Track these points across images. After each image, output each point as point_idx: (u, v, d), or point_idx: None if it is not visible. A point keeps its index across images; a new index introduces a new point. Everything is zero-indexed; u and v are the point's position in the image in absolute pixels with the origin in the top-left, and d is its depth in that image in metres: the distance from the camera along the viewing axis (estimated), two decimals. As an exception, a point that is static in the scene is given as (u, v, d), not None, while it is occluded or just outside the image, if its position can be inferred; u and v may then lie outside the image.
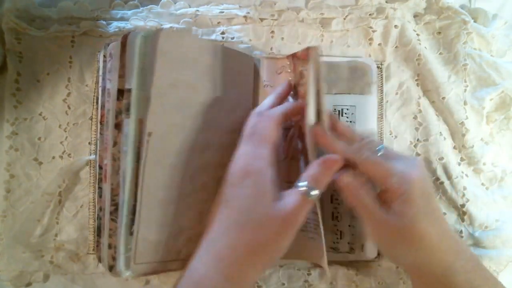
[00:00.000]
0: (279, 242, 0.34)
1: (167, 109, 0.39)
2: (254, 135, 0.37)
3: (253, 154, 0.36)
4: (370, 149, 0.39)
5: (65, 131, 0.48)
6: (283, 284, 0.49)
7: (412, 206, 0.36)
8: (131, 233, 0.38)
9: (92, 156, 0.48)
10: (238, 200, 0.35)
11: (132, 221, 0.38)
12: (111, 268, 0.38)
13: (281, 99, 0.44)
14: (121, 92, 0.39)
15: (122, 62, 0.39)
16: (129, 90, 0.38)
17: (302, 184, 0.35)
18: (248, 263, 0.34)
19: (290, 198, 0.35)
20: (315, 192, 0.35)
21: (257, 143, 0.36)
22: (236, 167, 0.36)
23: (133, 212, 0.38)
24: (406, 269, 0.40)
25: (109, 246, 0.39)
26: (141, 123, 0.38)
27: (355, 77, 0.49)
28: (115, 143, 0.39)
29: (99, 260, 0.44)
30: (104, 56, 0.43)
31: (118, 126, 0.39)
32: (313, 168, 0.37)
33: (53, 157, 0.48)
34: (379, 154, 0.39)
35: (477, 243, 0.49)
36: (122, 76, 0.39)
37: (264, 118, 0.38)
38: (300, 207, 0.34)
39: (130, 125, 0.38)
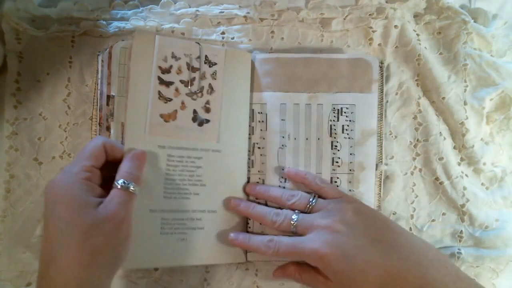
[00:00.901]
0: (116, 240, 0.35)
1: (142, 111, 0.44)
2: (77, 156, 0.39)
3: (63, 172, 0.36)
4: (284, 228, 0.43)
5: (65, 131, 0.48)
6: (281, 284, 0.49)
7: (336, 273, 0.39)
8: None
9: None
10: (53, 219, 0.34)
11: None
12: None
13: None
14: (109, 98, 0.45)
15: (109, 70, 0.45)
16: (113, 96, 0.45)
17: (120, 182, 0.37)
18: (91, 270, 0.33)
19: (112, 198, 0.36)
20: (133, 186, 0.37)
21: (72, 163, 0.38)
22: (48, 185, 0.36)
23: None
24: None
25: None
26: (122, 126, 0.44)
27: (356, 75, 0.48)
28: None
29: None
30: (102, 61, 0.46)
31: (108, 129, 0.45)
32: (125, 164, 0.39)
33: (53, 157, 0.48)
34: (292, 228, 0.43)
35: (477, 243, 0.49)
36: (109, 83, 0.45)
37: (91, 142, 0.39)
38: (124, 202, 0.36)
39: (114, 128, 0.45)
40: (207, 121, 0.46)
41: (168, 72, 0.44)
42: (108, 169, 0.39)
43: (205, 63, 0.46)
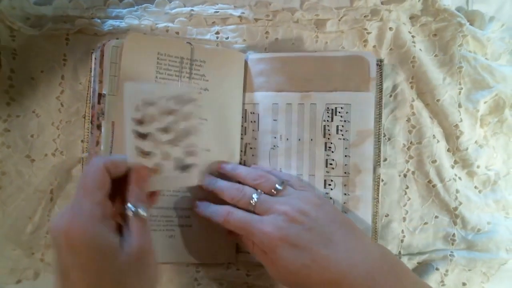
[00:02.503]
0: (147, 274, 0.34)
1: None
2: (80, 187, 0.34)
3: (75, 212, 0.32)
4: (242, 205, 0.41)
5: (58, 129, 0.49)
6: (271, 285, 0.49)
7: (280, 261, 0.37)
8: None
9: (84, 154, 0.48)
10: (77, 270, 0.31)
11: None
12: None
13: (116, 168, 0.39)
14: (100, 96, 0.45)
15: (101, 69, 0.45)
16: (104, 95, 0.44)
17: (132, 209, 0.35)
18: None
19: (130, 231, 0.34)
20: (143, 210, 0.35)
21: (81, 197, 0.33)
22: (60, 230, 0.31)
23: None
24: None
25: None
26: (113, 125, 0.44)
27: (352, 73, 0.47)
28: (97, 143, 0.44)
29: None
30: (95, 59, 0.45)
31: (99, 127, 0.45)
32: (132, 189, 0.37)
33: (46, 155, 0.48)
34: (250, 206, 0.41)
35: (470, 247, 0.49)
36: (101, 81, 0.45)
37: (90, 167, 0.35)
38: (142, 231, 0.35)
39: (105, 127, 0.44)
40: (190, 166, 0.44)
41: (142, 123, 0.40)
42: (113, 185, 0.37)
43: (193, 63, 0.46)
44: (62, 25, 0.48)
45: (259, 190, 0.42)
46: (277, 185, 0.42)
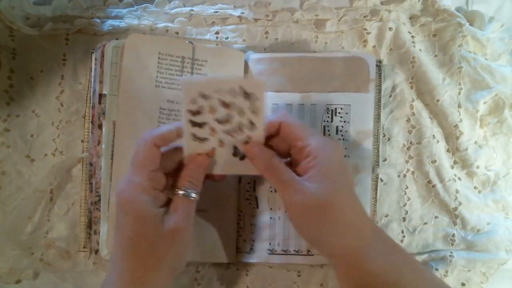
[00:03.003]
0: (179, 248, 0.37)
1: (134, 111, 0.45)
2: (132, 162, 0.37)
3: (127, 182, 0.36)
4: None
5: (58, 129, 0.49)
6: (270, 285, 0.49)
7: (332, 174, 0.35)
8: None
9: (85, 154, 0.48)
10: (124, 226, 0.36)
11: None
12: (96, 251, 0.45)
13: (165, 141, 0.40)
14: (101, 96, 0.45)
15: (102, 69, 0.45)
16: (105, 95, 0.45)
17: (182, 191, 0.37)
18: (156, 272, 0.36)
19: (175, 209, 0.36)
20: (194, 194, 0.37)
21: (132, 171, 0.37)
22: (117, 194, 0.36)
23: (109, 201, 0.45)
24: (322, 251, 0.39)
25: (95, 232, 0.46)
26: (114, 125, 0.45)
27: (351, 74, 0.47)
28: (98, 142, 0.46)
29: (90, 251, 0.46)
30: (95, 59, 0.46)
31: (100, 127, 0.46)
32: (187, 171, 0.38)
33: (45, 155, 0.48)
34: None
35: (469, 247, 0.49)
36: (101, 82, 0.45)
37: (140, 143, 0.37)
38: (186, 212, 0.37)
39: (106, 126, 0.45)
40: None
41: (198, 114, 0.38)
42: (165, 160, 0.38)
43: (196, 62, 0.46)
44: (61, 25, 0.48)
45: None
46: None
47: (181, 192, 0.37)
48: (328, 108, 0.48)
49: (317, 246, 0.39)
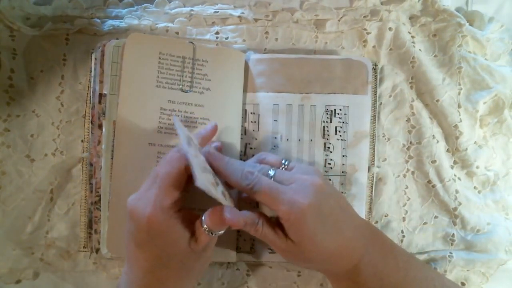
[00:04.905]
0: (203, 266, 0.41)
1: (134, 111, 0.45)
2: (161, 180, 0.37)
3: (155, 203, 0.36)
4: (262, 175, 0.38)
5: (58, 129, 0.49)
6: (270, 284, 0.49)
7: (305, 231, 0.36)
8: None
9: (85, 154, 0.48)
10: (151, 246, 0.36)
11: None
12: (97, 251, 0.46)
13: (205, 140, 0.42)
14: (101, 96, 0.46)
15: (102, 69, 0.45)
16: (105, 95, 0.45)
17: (202, 225, 0.37)
18: (184, 281, 0.39)
19: (201, 241, 0.37)
20: (213, 232, 0.37)
21: (160, 191, 0.36)
22: (143, 213, 0.36)
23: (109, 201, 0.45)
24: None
25: (95, 232, 0.46)
26: (114, 125, 0.45)
27: (350, 76, 0.48)
28: (99, 142, 0.46)
29: (91, 251, 0.47)
30: (95, 59, 0.46)
31: (100, 127, 0.46)
32: (207, 217, 0.37)
33: (46, 154, 0.48)
34: (271, 179, 0.38)
35: (469, 247, 0.49)
36: (101, 81, 0.45)
37: (173, 162, 0.37)
38: (209, 246, 0.40)
39: (106, 126, 0.45)
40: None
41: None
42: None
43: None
44: (61, 25, 0.48)
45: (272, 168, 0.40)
46: (283, 161, 0.42)
47: (206, 229, 0.37)
48: (327, 109, 0.48)
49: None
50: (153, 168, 0.39)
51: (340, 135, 0.48)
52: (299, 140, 0.48)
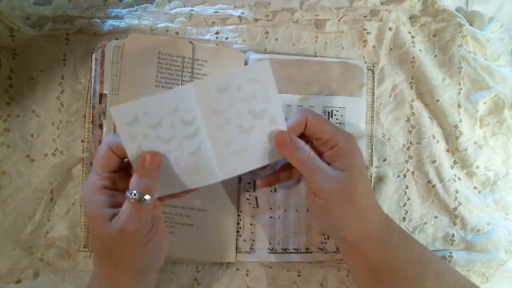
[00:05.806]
0: (134, 249, 0.36)
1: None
2: (93, 162, 0.38)
3: (86, 182, 0.38)
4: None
5: (58, 129, 0.49)
6: (270, 285, 0.49)
7: (356, 159, 0.39)
8: None
9: (85, 154, 0.48)
10: (90, 228, 0.39)
11: None
12: None
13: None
14: (101, 96, 0.46)
15: (102, 69, 0.45)
16: (105, 95, 0.45)
17: (130, 194, 0.35)
18: (117, 271, 0.37)
19: (123, 211, 0.35)
20: (148, 197, 0.35)
21: (91, 172, 0.38)
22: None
23: None
24: (342, 238, 0.40)
25: None
26: (114, 125, 0.44)
27: (347, 79, 0.49)
28: (99, 142, 0.46)
29: (91, 251, 0.47)
30: (96, 59, 0.46)
31: (101, 127, 0.46)
32: (135, 176, 0.36)
33: (46, 154, 0.48)
34: None
35: (469, 247, 0.49)
36: (102, 81, 0.45)
37: (101, 146, 0.38)
38: (134, 215, 0.35)
39: (106, 126, 0.45)
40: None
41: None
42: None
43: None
44: (62, 25, 0.48)
45: None
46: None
47: (129, 194, 0.35)
48: (325, 110, 0.49)
49: (338, 232, 0.40)
50: None
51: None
52: (299, 140, 0.48)
